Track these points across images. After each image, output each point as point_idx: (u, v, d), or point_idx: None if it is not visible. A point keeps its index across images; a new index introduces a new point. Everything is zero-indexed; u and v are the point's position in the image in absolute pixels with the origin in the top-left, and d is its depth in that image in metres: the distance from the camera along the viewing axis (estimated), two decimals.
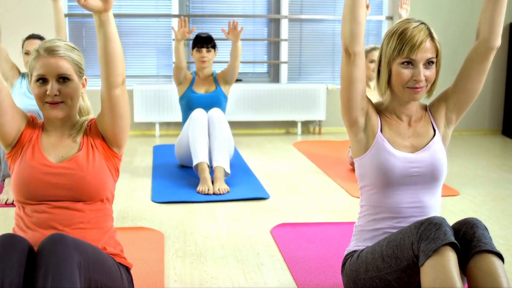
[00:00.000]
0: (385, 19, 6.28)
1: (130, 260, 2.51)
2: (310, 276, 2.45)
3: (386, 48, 1.96)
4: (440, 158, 2.03)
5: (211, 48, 4.40)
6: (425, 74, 1.92)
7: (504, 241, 2.92)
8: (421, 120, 2.06)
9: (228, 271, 2.52)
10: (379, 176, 2.00)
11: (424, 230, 1.81)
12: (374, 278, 1.97)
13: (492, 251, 1.78)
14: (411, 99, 1.97)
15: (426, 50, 1.92)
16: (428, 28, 1.96)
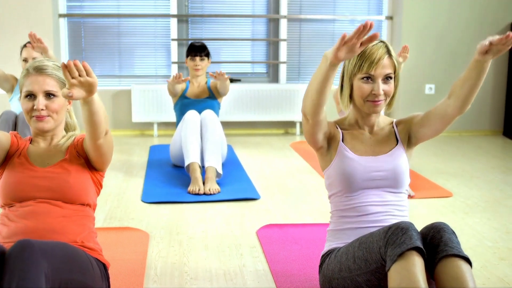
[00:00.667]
0: (385, 19, 6.24)
1: (112, 260, 2.54)
2: (290, 277, 2.43)
3: (348, 65, 2.07)
4: (401, 165, 2.10)
5: (205, 57, 4.45)
6: (384, 88, 2.02)
7: (492, 243, 2.88)
8: (383, 131, 2.15)
9: (209, 272, 2.51)
10: (343, 181, 2.08)
11: (391, 235, 1.81)
12: (346, 279, 1.98)
13: (458, 255, 1.78)
14: (371, 111, 2.07)
15: (384, 66, 2.01)
16: (386, 46, 2.04)
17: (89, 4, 5.95)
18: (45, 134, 2.06)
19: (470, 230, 3.09)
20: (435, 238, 1.84)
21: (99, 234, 2.89)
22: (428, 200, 3.65)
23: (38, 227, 1.96)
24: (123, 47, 6.06)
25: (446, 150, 5.30)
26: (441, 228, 1.86)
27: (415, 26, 5.98)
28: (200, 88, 4.49)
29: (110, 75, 6.09)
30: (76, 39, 6.00)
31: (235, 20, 6.17)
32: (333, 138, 2.12)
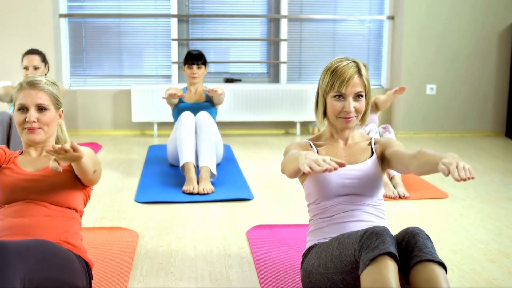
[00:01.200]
0: (386, 18, 6.21)
1: (99, 259, 2.55)
2: (275, 278, 2.42)
3: (322, 83, 2.17)
4: (374, 174, 2.16)
5: (202, 65, 4.47)
6: (355, 106, 2.12)
7: (484, 245, 2.85)
8: (358, 145, 2.23)
9: (194, 272, 2.50)
10: (319, 189, 2.15)
11: (365, 240, 1.83)
12: (323, 275, 2.01)
13: (433, 260, 1.78)
14: (343, 127, 2.17)
15: (355, 85, 2.10)
16: (357, 66, 2.12)
17: (90, 4, 5.96)
18: (36, 146, 2.16)
19: (463, 231, 3.06)
20: (410, 244, 1.85)
21: (89, 233, 2.92)
22: (422, 201, 3.62)
23: (24, 223, 2.01)
24: (123, 47, 6.06)
25: (445, 150, 5.27)
26: (416, 234, 1.87)
27: (416, 26, 5.94)
28: (197, 94, 4.53)
29: (110, 75, 6.10)
30: (77, 39, 6.01)
31: (235, 20, 6.16)
32: None
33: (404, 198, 3.66)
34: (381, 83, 6.39)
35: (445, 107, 6.11)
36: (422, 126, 6.13)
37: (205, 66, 4.50)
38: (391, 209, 3.44)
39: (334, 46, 6.26)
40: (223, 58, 6.27)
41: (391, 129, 4.05)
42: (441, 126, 6.14)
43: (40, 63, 4.20)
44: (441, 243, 2.88)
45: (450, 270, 2.55)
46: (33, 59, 4.17)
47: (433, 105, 6.09)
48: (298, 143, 2.22)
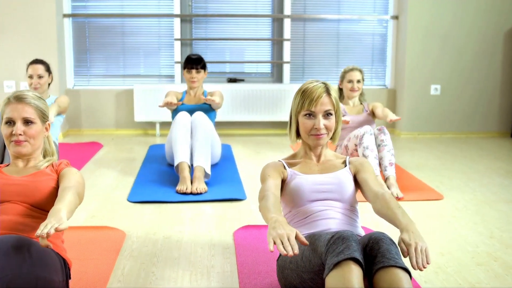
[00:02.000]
0: (390, 18, 6.16)
1: (82, 259, 2.57)
2: (255, 279, 2.40)
3: (293, 104, 2.28)
4: (346, 181, 2.23)
5: (201, 69, 4.48)
6: (325, 123, 2.23)
7: (473, 248, 2.81)
8: (331, 162, 2.32)
9: (175, 272, 2.49)
10: (293, 196, 2.22)
11: (332, 244, 1.84)
12: (294, 272, 2.03)
13: (395, 265, 1.78)
14: (315, 144, 2.27)
15: (323, 103, 2.21)
16: (326, 86, 2.24)
17: (94, 4, 5.99)
18: (23, 158, 2.22)
19: (453, 234, 3.02)
20: (374, 249, 1.86)
21: (76, 232, 2.93)
22: (417, 202, 3.58)
23: (6, 219, 2.03)
24: (127, 47, 6.09)
25: (448, 151, 5.21)
26: (380, 239, 1.88)
27: (420, 25, 5.89)
28: (196, 97, 4.55)
29: (114, 75, 6.13)
30: (81, 39, 6.04)
31: (238, 20, 6.16)
32: (283, 177, 2.28)
33: (398, 199, 3.62)
34: (385, 84, 6.35)
35: (449, 108, 6.04)
36: (426, 126, 6.07)
37: (205, 70, 4.52)
38: None
39: (338, 46, 6.23)
40: (226, 58, 6.26)
41: (387, 131, 4.01)
42: (446, 127, 6.08)
43: (44, 72, 4.31)
44: (429, 245, 2.84)
45: (434, 272, 2.52)
46: (37, 68, 4.29)
47: (437, 106, 6.03)
48: (273, 166, 2.28)
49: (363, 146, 3.89)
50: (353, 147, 4.04)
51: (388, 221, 1.99)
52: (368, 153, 3.86)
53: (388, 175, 3.80)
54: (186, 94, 4.57)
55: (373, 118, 4.41)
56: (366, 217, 3.29)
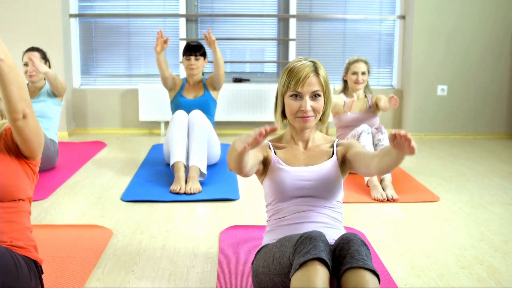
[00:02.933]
0: (397, 18, 6.11)
1: (65, 257, 2.57)
2: (234, 279, 2.39)
3: (280, 84, 2.15)
4: (331, 176, 2.12)
5: (200, 56, 4.42)
6: (312, 105, 2.09)
7: (460, 251, 2.77)
8: (319, 148, 2.20)
9: (155, 272, 2.49)
10: (275, 190, 2.13)
11: (300, 244, 1.82)
12: (266, 276, 2.00)
13: (363, 267, 1.75)
14: (301, 127, 2.13)
15: (311, 84, 2.07)
16: (314, 65, 2.10)
17: (100, 4, 6.03)
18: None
19: (442, 236, 2.98)
20: (343, 250, 1.82)
21: (63, 231, 2.95)
22: (411, 204, 3.54)
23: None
24: (132, 46, 6.12)
25: (452, 152, 5.15)
26: (350, 240, 1.84)
27: (426, 25, 5.82)
28: (196, 87, 4.50)
29: (119, 74, 6.17)
30: (87, 39, 6.09)
31: (244, 20, 6.15)
32: (267, 158, 2.17)
33: (393, 200, 3.59)
34: (392, 84, 6.29)
35: (456, 109, 5.97)
36: (433, 127, 6.00)
37: (204, 57, 4.45)
38: (376, 212, 3.37)
39: (344, 46, 6.19)
40: (232, 58, 6.26)
41: (385, 130, 3.97)
42: (452, 127, 6.00)
43: (39, 60, 4.23)
44: (416, 247, 2.81)
45: (416, 275, 2.48)
46: (31, 55, 4.20)
47: (444, 106, 5.96)
48: None
49: None
50: None
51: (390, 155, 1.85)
52: None
53: (384, 176, 3.76)
54: (185, 82, 4.52)
55: (376, 111, 4.31)
56: (355, 218, 3.27)
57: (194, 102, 4.42)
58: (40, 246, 2.68)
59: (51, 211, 3.32)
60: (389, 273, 2.49)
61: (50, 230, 2.95)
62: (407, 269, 2.55)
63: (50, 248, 2.69)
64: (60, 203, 3.48)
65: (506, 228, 3.11)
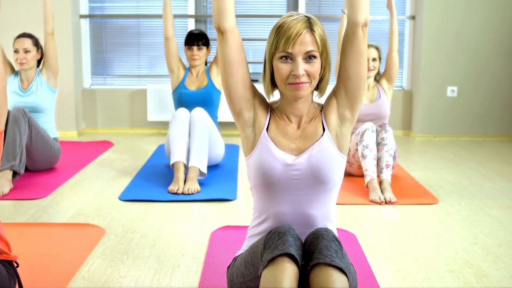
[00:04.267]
0: (407, 18, 6.05)
1: (52, 255, 2.58)
2: (217, 280, 2.39)
3: (268, 44, 1.85)
4: (325, 161, 1.85)
5: (203, 46, 4.31)
6: (306, 68, 1.78)
7: (451, 254, 2.73)
8: (312, 121, 1.91)
9: (140, 271, 2.51)
10: (260, 177, 1.88)
11: (268, 240, 1.75)
12: (242, 284, 1.92)
13: (330, 264, 1.66)
14: (293, 96, 1.83)
15: (304, 42, 1.76)
16: (309, 20, 1.79)
17: (110, 5, 6.09)
18: None
19: (435, 239, 2.94)
20: (313, 245, 1.74)
21: (56, 229, 2.98)
22: (408, 206, 3.51)
23: None
24: (142, 47, 6.16)
25: (459, 154, 5.08)
26: (320, 234, 1.76)
27: (436, 26, 5.76)
28: (199, 77, 4.40)
29: (129, 75, 6.22)
30: (97, 40, 6.15)
31: (253, 20, 6.16)
32: (257, 116, 1.92)
33: (391, 203, 3.55)
34: (402, 85, 6.23)
35: (466, 110, 5.89)
36: (443, 129, 5.93)
37: (207, 47, 4.32)
38: (371, 214, 3.35)
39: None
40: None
41: (389, 128, 3.91)
42: (462, 129, 5.92)
43: (31, 46, 4.09)
44: (406, 250, 2.78)
45: (402, 278, 2.46)
46: (24, 41, 4.07)
47: (454, 108, 5.89)
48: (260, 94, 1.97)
49: (363, 144, 3.82)
50: (355, 146, 3.96)
51: None
52: (367, 153, 3.78)
53: (383, 179, 3.73)
54: (188, 72, 4.42)
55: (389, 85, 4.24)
56: (349, 220, 3.25)
57: (197, 94, 4.34)
58: (29, 244, 2.74)
59: (48, 210, 3.36)
60: (375, 275, 2.47)
61: (43, 228, 2.99)
62: (393, 272, 2.52)
63: (40, 246, 2.73)
64: (58, 202, 3.52)
65: (502, 231, 3.06)
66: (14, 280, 2.05)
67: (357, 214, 3.34)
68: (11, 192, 3.62)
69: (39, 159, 4.10)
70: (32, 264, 2.47)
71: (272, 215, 1.94)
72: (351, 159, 4.05)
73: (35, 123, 3.95)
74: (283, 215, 1.92)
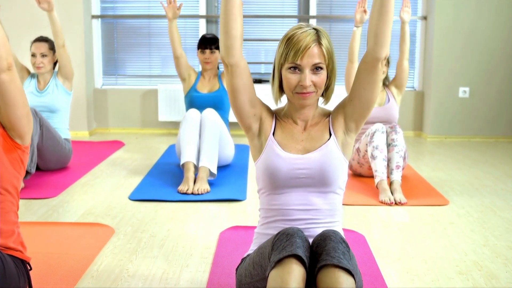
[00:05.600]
0: (419, 19, 6.02)
1: (62, 254, 2.60)
2: (225, 280, 2.40)
3: (277, 54, 1.95)
4: (331, 162, 1.94)
5: (215, 49, 4.35)
6: (312, 79, 1.88)
7: (460, 256, 2.72)
8: (318, 125, 2.01)
9: (148, 270, 2.52)
10: (267, 178, 1.96)
11: (277, 241, 1.77)
12: (250, 285, 1.94)
13: (338, 265, 1.68)
14: (300, 104, 1.94)
15: (312, 55, 1.86)
16: (317, 33, 1.89)
17: (122, 5, 6.12)
18: None
19: (444, 240, 2.93)
20: (320, 246, 1.76)
21: (65, 228, 3.00)
22: (418, 208, 3.49)
23: None
24: (153, 47, 6.19)
25: (470, 156, 5.05)
26: (328, 236, 1.77)
27: (449, 26, 5.73)
28: (210, 81, 4.44)
29: (140, 75, 6.24)
30: (109, 40, 6.19)
31: (265, 21, 6.16)
32: (263, 125, 2.01)
33: (401, 204, 3.54)
34: (413, 86, 6.21)
35: (478, 111, 5.85)
36: (454, 130, 5.90)
37: (219, 50, 4.39)
38: (381, 215, 3.34)
39: (365, 46, 6.11)
40: (253, 59, 6.27)
41: (399, 129, 3.89)
42: (474, 130, 5.89)
43: (47, 50, 4.20)
44: (415, 251, 2.77)
45: (410, 279, 2.45)
46: (40, 46, 4.18)
47: (465, 109, 5.85)
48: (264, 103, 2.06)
49: (373, 145, 3.81)
50: (365, 147, 3.95)
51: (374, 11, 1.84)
52: (377, 154, 3.78)
53: (393, 180, 3.71)
54: (200, 76, 4.47)
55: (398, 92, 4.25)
56: (359, 221, 3.24)
57: (208, 97, 4.37)
58: (39, 243, 2.76)
59: (58, 209, 3.38)
60: (383, 276, 2.46)
61: (53, 228, 3.01)
62: (402, 273, 2.51)
63: (50, 245, 2.75)
64: (68, 201, 3.54)
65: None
66: (24, 279, 2.06)
67: (367, 215, 3.33)
68: (22, 191, 3.65)
69: (50, 159, 4.13)
70: (42, 263, 2.49)
71: (279, 214, 1.98)
72: (361, 160, 4.04)
73: (46, 124, 3.99)
74: (290, 213, 1.97)
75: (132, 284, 2.37)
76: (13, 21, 5.74)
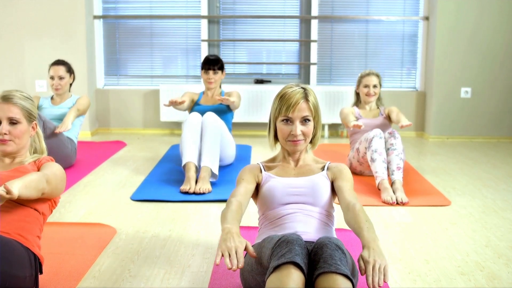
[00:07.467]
0: (421, 19, 6.02)
1: (64, 254, 2.62)
2: (226, 280, 2.40)
3: (272, 109, 2.28)
4: (321, 184, 2.23)
5: (218, 70, 4.53)
6: (302, 129, 2.22)
7: (462, 256, 2.72)
8: (309, 166, 2.33)
9: (150, 271, 2.52)
10: (266, 199, 2.24)
11: (277, 247, 1.85)
12: (250, 274, 2.05)
13: (336, 271, 1.75)
14: (292, 150, 2.29)
15: (301, 109, 2.19)
16: (305, 91, 2.21)
17: (123, 6, 6.13)
18: (8, 156, 2.29)
19: (446, 241, 2.93)
20: (317, 254, 1.84)
21: (68, 228, 3.00)
22: (420, 208, 3.49)
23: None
24: (155, 47, 6.19)
25: (472, 156, 5.05)
26: (324, 244, 1.86)
27: (450, 26, 5.73)
28: (213, 98, 4.60)
29: (142, 75, 6.25)
30: (111, 40, 6.19)
31: (266, 21, 6.16)
32: (258, 181, 2.31)
33: (402, 204, 3.54)
34: (415, 86, 6.21)
35: (480, 111, 5.85)
36: (456, 131, 5.90)
37: (222, 71, 4.57)
38: (382, 216, 3.34)
39: (367, 47, 6.13)
40: (254, 59, 6.27)
41: (398, 135, 3.93)
42: (476, 131, 5.89)
43: (65, 73, 4.48)
44: (417, 251, 2.77)
45: (412, 280, 2.45)
46: (58, 69, 4.46)
47: (467, 109, 5.85)
48: (249, 169, 2.32)
49: (372, 149, 3.84)
50: (364, 150, 3.99)
51: (355, 233, 1.99)
52: (376, 157, 3.80)
53: (395, 179, 3.72)
54: (203, 94, 4.63)
55: (389, 123, 4.38)
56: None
57: (211, 108, 4.49)
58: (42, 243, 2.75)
59: (60, 209, 3.39)
60: None
61: (55, 228, 3.01)
62: (403, 274, 2.51)
63: (52, 245, 2.75)
64: (70, 201, 3.54)
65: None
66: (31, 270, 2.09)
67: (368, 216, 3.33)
68: None
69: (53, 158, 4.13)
70: (45, 262, 2.49)
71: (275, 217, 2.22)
72: (361, 159, 4.07)
73: (49, 124, 4.02)
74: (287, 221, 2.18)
75: (134, 284, 2.38)
76: (15, 23, 5.75)
